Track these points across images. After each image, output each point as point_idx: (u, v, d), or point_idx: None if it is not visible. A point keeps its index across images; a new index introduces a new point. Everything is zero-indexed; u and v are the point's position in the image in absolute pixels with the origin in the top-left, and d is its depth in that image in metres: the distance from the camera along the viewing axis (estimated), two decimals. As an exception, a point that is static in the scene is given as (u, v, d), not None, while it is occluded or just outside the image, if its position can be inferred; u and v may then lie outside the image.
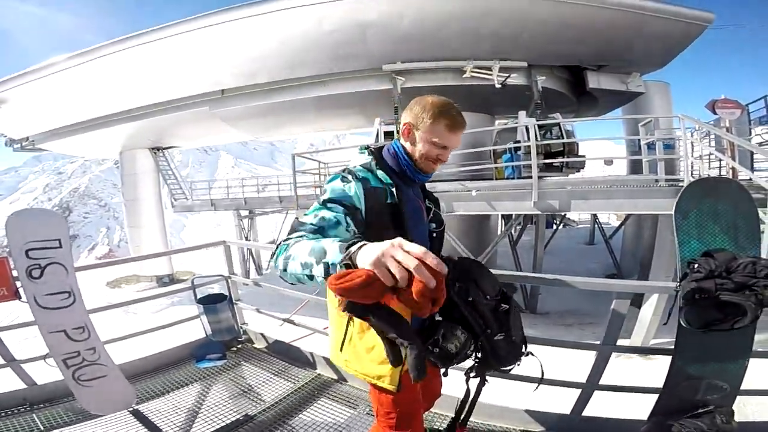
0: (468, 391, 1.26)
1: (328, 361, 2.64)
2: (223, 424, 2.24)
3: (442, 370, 1.13)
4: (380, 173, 1.15)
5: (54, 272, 2.16)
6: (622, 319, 1.87)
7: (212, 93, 11.67)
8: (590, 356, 1.94)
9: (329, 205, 0.99)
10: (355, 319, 0.95)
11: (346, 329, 1.12)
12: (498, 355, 1.06)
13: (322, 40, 9.53)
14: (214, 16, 9.83)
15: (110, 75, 11.38)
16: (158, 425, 2.27)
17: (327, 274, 0.72)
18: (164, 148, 16.43)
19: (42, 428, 2.23)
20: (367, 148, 1.25)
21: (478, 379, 1.21)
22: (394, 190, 1.14)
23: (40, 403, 2.46)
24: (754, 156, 7.67)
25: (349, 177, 1.07)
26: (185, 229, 77.30)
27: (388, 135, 9.35)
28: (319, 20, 9.18)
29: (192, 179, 19.14)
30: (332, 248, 0.73)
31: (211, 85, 11.43)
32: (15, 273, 2.14)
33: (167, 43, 10.43)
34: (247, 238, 15.14)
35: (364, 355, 1.10)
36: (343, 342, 1.14)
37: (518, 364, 1.10)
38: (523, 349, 1.11)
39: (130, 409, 2.36)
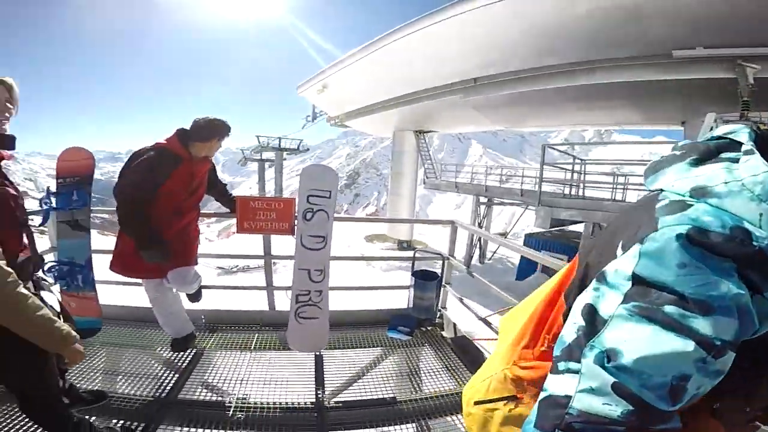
0: None
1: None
2: (371, 396, 2.25)
3: None
4: None
5: (320, 218, 2.51)
6: None
7: (465, 81, 12.05)
8: None
9: (725, 350, 0.43)
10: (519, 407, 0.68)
11: (495, 405, 0.75)
12: None
13: (576, 25, 8.19)
14: (465, 3, 9.78)
15: (386, 64, 13.35)
16: (326, 372, 2.44)
17: None
18: (425, 132, 18.64)
19: (252, 347, 2.70)
20: None
21: None
22: None
23: (268, 326, 3.00)
24: None
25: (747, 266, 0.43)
26: (431, 205, 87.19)
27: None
28: (572, 2, 7.86)
29: (445, 162, 21.04)
30: None
31: (464, 73, 11.75)
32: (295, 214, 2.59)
33: (427, 32, 11.13)
34: (480, 224, 15.45)
35: None
36: (481, 402, 0.80)
37: None
38: None
39: (317, 353, 2.62)
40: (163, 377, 2.32)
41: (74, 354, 1.22)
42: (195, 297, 2.72)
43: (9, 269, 1.06)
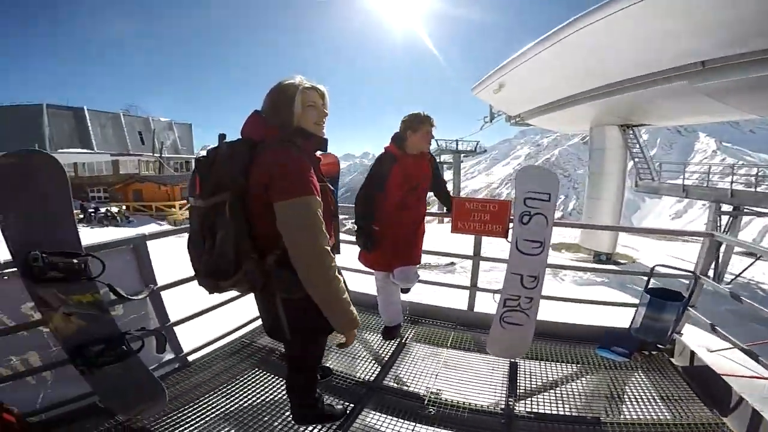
0: None
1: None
2: (567, 412, 2.07)
3: None
4: None
5: (537, 222, 2.34)
6: None
7: (690, 66, 9.67)
8: None
9: None
10: None
11: None
12: None
13: None
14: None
15: (579, 53, 11.72)
16: (520, 381, 2.35)
17: None
18: (633, 126, 15.61)
19: (448, 345, 2.77)
20: None
21: None
22: None
23: (465, 326, 3.06)
24: None
25: None
26: (638, 212, 73.12)
27: None
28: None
29: (659, 161, 17.13)
30: None
31: (688, 56, 9.45)
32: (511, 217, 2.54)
33: (632, 11, 9.32)
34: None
35: None
36: None
37: None
38: None
39: (511, 360, 2.52)
40: (372, 362, 2.53)
41: (352, 337, 1.34)
42: (406, 288, 2.92)
43: (332, 255, 1.24)
